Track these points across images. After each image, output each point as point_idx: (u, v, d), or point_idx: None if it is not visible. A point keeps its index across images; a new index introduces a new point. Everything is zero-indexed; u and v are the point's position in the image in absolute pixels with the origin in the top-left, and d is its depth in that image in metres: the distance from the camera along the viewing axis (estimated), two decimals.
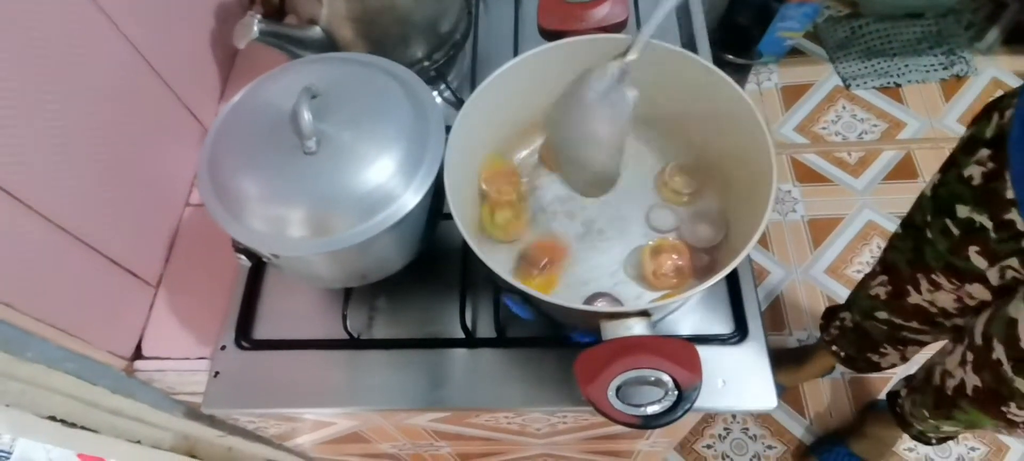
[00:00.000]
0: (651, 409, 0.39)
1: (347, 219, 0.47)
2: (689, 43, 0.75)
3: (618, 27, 0.58)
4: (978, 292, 0.72)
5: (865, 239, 1.47)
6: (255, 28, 0.55)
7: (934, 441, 1.01)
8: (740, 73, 1.52)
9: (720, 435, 1.30)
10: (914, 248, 0.79)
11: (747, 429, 1.31)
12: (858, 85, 1.67)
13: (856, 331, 1.03)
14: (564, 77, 0.58)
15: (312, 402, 0.57)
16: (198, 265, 0.65)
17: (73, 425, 0.55)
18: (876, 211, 1.50)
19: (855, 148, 1.60)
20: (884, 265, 0.90)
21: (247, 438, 0.78)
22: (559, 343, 0.58)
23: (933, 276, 0.76)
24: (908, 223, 0.82)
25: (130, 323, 0.61)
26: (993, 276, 0.66)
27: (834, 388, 1.32)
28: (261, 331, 0.60)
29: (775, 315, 1.40)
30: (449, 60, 0.72)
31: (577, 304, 0.51)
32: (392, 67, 0.54)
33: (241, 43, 0.56)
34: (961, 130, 1.58)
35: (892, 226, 1.47)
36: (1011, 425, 0.71)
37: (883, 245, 1.44)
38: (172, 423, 0.66)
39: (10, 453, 0.92)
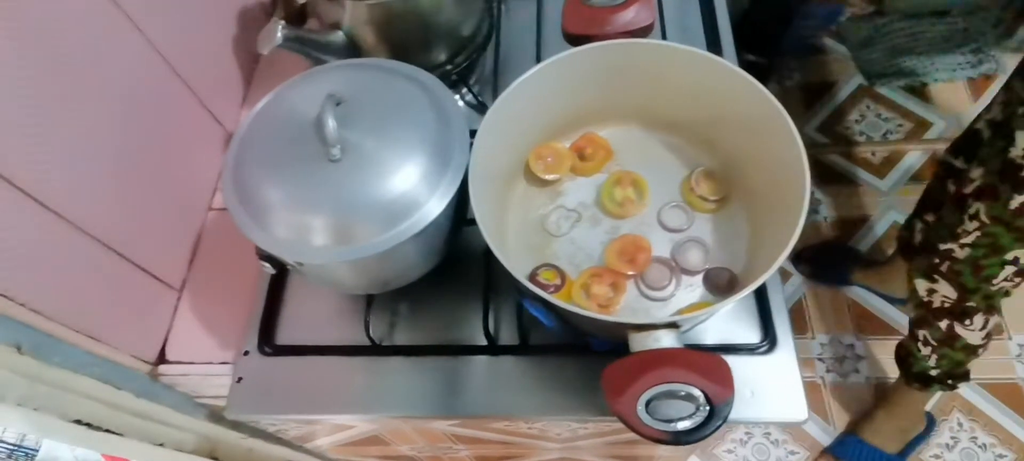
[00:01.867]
0: (682, 425, 0.38)
1: (371, 227, 0.46)
2: (714, 44, 0.73)
3: (644, 32, 0.57)
4: None
5: (891, 241, 1.44)
6: (279, 35, 0.55)
7: (936, 374, 1.00)
8: (762, 72, 1.50)
9: (742, 440, 1.29)
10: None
11: (769, 433, 1.29)
12: (882, 84, 1.64)
13: (925, 189, 1.12)
14: (589, 82, 0.57)
15: (334, 408, 0.57)
16: (221, 269, 0.65)
17: (98, 428, 0.56)
18: (901, 212, 1.47)
19: (879, 148, 1.57)
20: None
21: (268, 440, 0.79)
22: (583, 351, 0.57)
23: (1013, 81, 0.81)
24: None
25: (154, 327, 0.61)
26: None
27: (859, 394, 1.29)
28: (283, 336, 0.60)
29: (798, 318, 1.38)
30: (471, 64, 0.71)
31: (604, 315, 0.50)
32: (415, 73, 0.54)
33: (265, 49, 0.56)
34: None
35: None
36: (962, 205, 0.76)
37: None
38: (195, 425, 0.67)
39: (37, 451, 0.94)
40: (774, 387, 0.53)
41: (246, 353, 0.58)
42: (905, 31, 1.68)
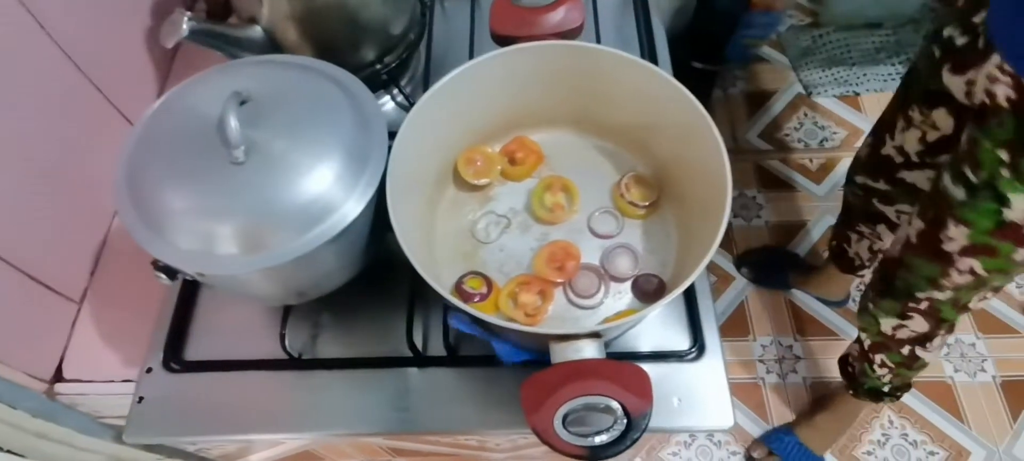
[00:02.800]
0: (599, 439, 0.37)
1: (280, 234, 0.43)
2: (649, 52, 0.73)
3: (573, 33, 0.56)
4: (942, 120, 0.76)
5: (826, 244, 1.48)
6: (184, 27, 0.52)
7: (887, 390, 1.02)
8: (708, 79, 1.52)
9: (685, 442, 1.30)
10: (904, 88, 0.84)
11: (712, 435, 1.30)
12: (819, 93, 1.69)
13: (844, 204, 1.12)
14: (518, 84, 0.56)
15: (249, 428, 0.54)
16: (128, 279, 0.61)
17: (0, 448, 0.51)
18: (836, 217, 1.52)
19: (816, 155, 1.62)
20: (878, 120, 0.96)
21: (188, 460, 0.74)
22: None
23: (910, 112, 0.81)
24: (909, 68, 0.86)
25: (49, 343, 0.56)
26: (958, 90, 0.68)
27: (797, 394, 1.32)
28: (194, 351, 0.56)
29: (741, 321, 1.41)
30: (402, 63, 0.69)
31: (523, 325, 0.49)
32: (332, 71, 0.51)
33: (169, 42, 0.52)
34: None
35: None
36: (946, 260, 0.73)
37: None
38: (103, 447, 0.62)
39: None
40: (701, 394, 0.53)
41: (149, 370, 0.54)
42: (840, 43, 1.74)
